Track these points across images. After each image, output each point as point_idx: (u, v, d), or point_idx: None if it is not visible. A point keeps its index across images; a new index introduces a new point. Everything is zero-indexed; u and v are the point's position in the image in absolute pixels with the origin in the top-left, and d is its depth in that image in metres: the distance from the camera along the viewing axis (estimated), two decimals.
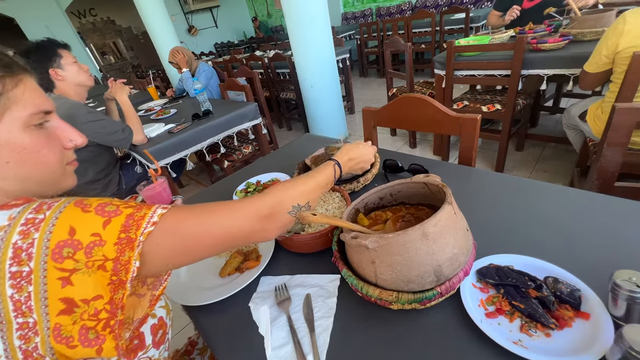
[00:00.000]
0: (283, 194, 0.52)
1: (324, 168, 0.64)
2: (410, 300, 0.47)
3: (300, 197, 0.54)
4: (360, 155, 0.75)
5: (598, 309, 0.45)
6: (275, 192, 0.52)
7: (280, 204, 0.51)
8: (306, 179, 0.59)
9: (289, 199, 0.52)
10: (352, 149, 0.74)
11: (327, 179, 0.63)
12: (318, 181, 0.60)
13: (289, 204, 0.52)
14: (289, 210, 0.52)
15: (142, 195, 0.83)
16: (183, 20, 7.71)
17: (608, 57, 1.23)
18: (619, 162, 0.84)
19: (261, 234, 0.49)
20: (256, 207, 0.48)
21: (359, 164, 0.76)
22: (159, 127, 1.93)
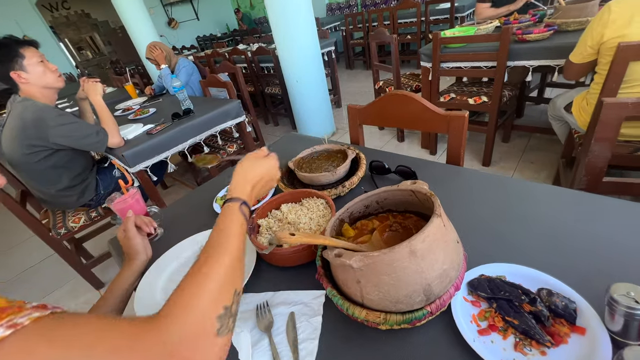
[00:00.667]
0: (192, 312, 0.33)
1: (228, 220, 0.44)
2: (399, 321, 0.44)
3: (221, 296, 0.36)
4: (262, 175, 0.56)
5: (594, 323, 0.43)
6: (181, 312, 0.32)
7: (195, 333, 0.32)
8: (216, 258, 0.39)
9: (207, 312, 0.34)
10: (249, 171, 0.54)
11: (241, 239, 0.44)
12: (233, 251, 0.41)
13: (211, 320, 0.33)
14: (217, 327, 0.33)
15: (113, 208, 0.77)
16: (162, 12, 7.43)
17: (593, 47, 1.22)
18: (607, 157, 0.83)
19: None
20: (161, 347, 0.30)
21: (265, 186, 0.57)
22: (137, 128, 1.84)
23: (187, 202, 1.02)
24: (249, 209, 0.49)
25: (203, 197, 1.00)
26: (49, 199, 1.61)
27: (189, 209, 0.97)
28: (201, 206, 0.96)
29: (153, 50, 2.44)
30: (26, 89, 1.40)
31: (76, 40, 9.28)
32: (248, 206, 0.49)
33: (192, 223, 0.89)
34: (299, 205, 0.76)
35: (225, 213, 0.46)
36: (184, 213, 0.96)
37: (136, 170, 1.61)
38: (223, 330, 0.34)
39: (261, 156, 0.58)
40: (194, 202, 1.01)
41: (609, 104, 0.76)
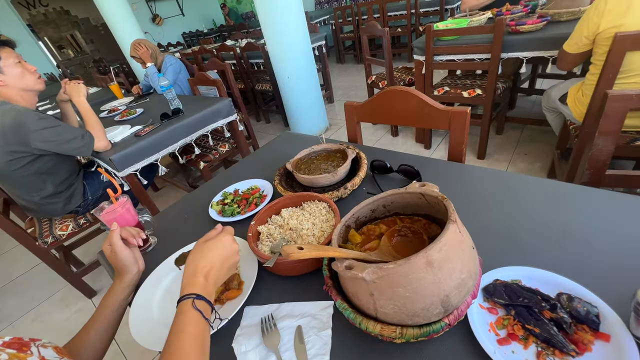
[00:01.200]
0: None
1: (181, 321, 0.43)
2: (416, 335, 0.42)
3: None
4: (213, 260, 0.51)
5: (618, 329, 0.41)
6: None
7: None
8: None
9: None
10: (199, 260, 0.50)
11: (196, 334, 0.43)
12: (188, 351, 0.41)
13: None
14: None
15: (102, 219, 0.72)
16: (146, 8, 7.21)
17: (589, 37, 1.21)
18: (611, 150, 0.81)
19: None
20: None
21: (223, 267, 0.53)
22: (124, 130, 1.77)
23: (181, 207, 0.98)
24: (205, 301, 0.46)
25: (198, 202, 0.96)
26: (33, 207, 1.54)
27: (183, 215, 0.93)
28: (196, 212, 0.92)
29: (138, 48, 2.35)
30: (4, 92, 1.33)
31: (56, 38, 8.95)
32: (204, 299, 0.46)
33: (188, 230, 0.86)
34: (300, 210, 0.73)
35: (178, 313, 0.44)
36: (179, 220, 0.92)
37: (125, 174, 1.54)
38: None
39: (211, 237, 0.55)
40: (189, 207, 0.97)
41: (614, 96, 0.75)
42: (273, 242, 0.67)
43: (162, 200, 2.70)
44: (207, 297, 0.47)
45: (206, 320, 0.45)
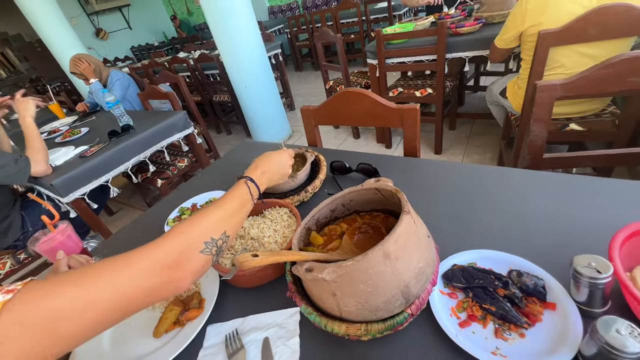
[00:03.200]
0: (190, 233, 0.44)
1: (235, 189, 0.55)
2: (381, 330, 0.42)
3: (213, 230, 0.46)
4: (272, 164, 0.65)
5: (562, 297, 0.44)
6: (178, 233, 0.43)
7: (187, 247, 0.42)
8: (216, 207, 0.49)
9: (198, 237, 0.44)
10: (262, 161, 0.65)
11: (241, 201, 0.54)
12: (232, 206, 0.51)
13: (199, 243, 0.43)
14: (202, 248, 0.43)
15: (38, 250, 0.65)
16: (87, 22, 6.76)
17: (515, 35, 1.34)
18: (544, 136, 0.89)
19: (170, 287, 0.40)
20: (156, 258, 0.39)
21: (276, 173, 0.66)
22: (67, 152, 1.62)
23: (135, 227, 0.91)
24: (255, 184, 0.58)
25: (153, 221, 0.90)
26: None
27: (137, 235, 0.87)
28: (151, 231, 0.86)
29: (78, 63, 2.19)
30: None
31: None
32: (254, 182, 0.58)
33: None
34: (261, 218, 0.71)
35: (236, 184, 0.57)
36: (132, 241, 0.85)
37: (71, 199, 1.41)
38: (206, 252, 0.44)
39: (277, 152, 0.69)
40: (143, 226, 0.90)
41: (541, 86, 0.82)
42: (234, 254, 0.64)
43: (118, 224, 2.51)
44: (257, 183, 0.59)
45: (251, 195, 0.56)
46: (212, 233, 0.45)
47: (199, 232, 0.44)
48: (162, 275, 0.39)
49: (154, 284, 0.38)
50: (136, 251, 0.39)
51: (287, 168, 0.69)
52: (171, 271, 0.40)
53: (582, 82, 0.81)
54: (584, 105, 1.34)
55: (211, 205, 0.50)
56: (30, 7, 3.74)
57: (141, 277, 0.37)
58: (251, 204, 0.56)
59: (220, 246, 0.46)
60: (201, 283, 0.63)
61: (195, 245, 0.43)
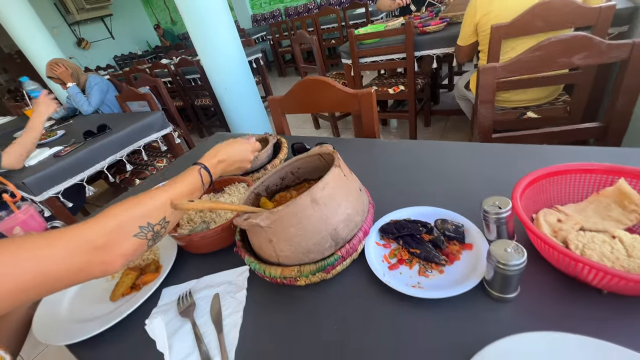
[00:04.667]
0: (124, 215, 0.42)
1: (187, 174, 0.54)
2: (313, 270, 0.46)
3: (151, 214, 0.45)
4: (232, 155, 0.63)
5: (478, 238, 0.49)
6: (113, 214, 0.42)
7: (120, 228, 0.41)
8: (160, 191, 0.48)
9: (134, 220, 0.43)
10: (223, 149, 0.63)
11: (190, 187, 0.52)
12: (179, 191, 0.50)
13: (132, 226, 0.42)
14: (135, 232, 0.42)
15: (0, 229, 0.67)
16: (68, 32, 6.73)
17: (471, 30, 1.44)
18: (491, 116, 0.96)
19: (98, 268, 0.40)
20: (86, 237, 0.39)
21: (233, 164, 0.64)
22: (41, 152, 1.62)
23: None
24: (208, 172, 0.57)
25: None
26: None
27: None
28: None
29: (54, 67, 2.19)
30: None
31: None
32: (208, 171, 0.57)
33: None
34: (220, 194, 0.75)
35: (188, 168, 0.56)
36: None
37: (44, 197, 1.42)
38: (140, 236, 0.43)
39: (240, 140, 0.67)
40: None
41: (483, 69, 0.89)
42: (193, 227, 0.68)
43: None
44: (211, 172, 0.58)
45: (202, 183, 0.55)
46: (150, 218, 0.44)
47: (134, 215, 0.43)
48: (90, 254, 0.38)
49: (80, 262, 0.38)
50: (66, 229, 0.39)
51: (247, 162, 0.67)
52: (99, 252, 0.39)
53: (519, 64, 0.89)
54: (538, 92, 1.43)
55: (156, 188, 0.49)
56: (9, 18, 3.72)
57: (66, 254, 0.37)
58: (200, 192, 0.55)
59: (157, 232, 0.45)
60: (159, 250, 0.66)
61: (128, 228, 0.42)
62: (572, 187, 0.50)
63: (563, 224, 0.46)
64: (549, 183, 0.51)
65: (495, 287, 0.41)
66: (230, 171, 0.64)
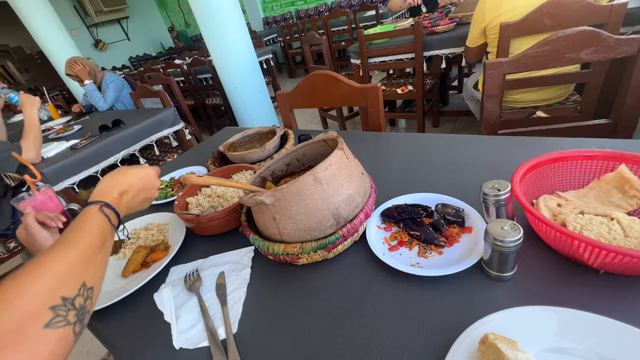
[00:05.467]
0: (18, 301, 0.29)
1: (88, 219, 0.40)
2: (314, 248, 0.47)
3: (61, 284, 0.32)
4: (133, 183, 0.49)
5: (478, 222, 0.50)
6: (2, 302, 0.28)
7: (20, 326, 0.28)
8: (64, 248, 0.35)
9: (36, 303, 0.29)
10: (118, 178, 0.49)
11: (101, 234, 0.40)
12: (89, 242, 0.37)
13: (41, 312, 0.29)
14: (47, 319, 0.29)
15: (20, 208, 0.70)
16: (86, 34, 6.95)
17: (480, 32, 1.44)
18: (497, 112, 0.96)
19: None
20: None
21: (139, 194, 0.51)
22: (58, 146, 1.69)
23: None
24: (113, 211, 0.44)
25: None
26: None
27: None
28: None
29: (73, 65, 2.28)
30: None
31: None
32: (112, 209, 0.44)
33: None
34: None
35: (82, 213, 0.41)
36: None
37: (61, 187, 1.47)
38: (57, 323, 0.30)
39: (132, 167, 0.53)
40: None
41: (489, 63, 0.90)
42: (202, 210, 0.70)
43: None
44: (115, 208, 0.44)
45: (112, 226, 0.42)
46: (62, 289, 0.31)
47: (38, 293, 0.30)
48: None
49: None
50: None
51: (154, 189, 0.54)
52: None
53: (525, 59, 0.89)
54: (548, 92, 1.42)
55: (54, 246, 0.35)
56: (31, 20, 3.87)
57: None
58: (112, 237, 0.43)
59: (81, 306, 0.33)
60: (169, 232, 0.68)
61: (34, 317, 0.29)
62: (573, 174, 0.51)
63: (563, 208, 0.47)
64: (550, 169, 0.51)
65: (493, 266, 0.42)
66: (136, 204, 0.51)
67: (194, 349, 0.44)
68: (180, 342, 0.45)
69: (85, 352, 1.42)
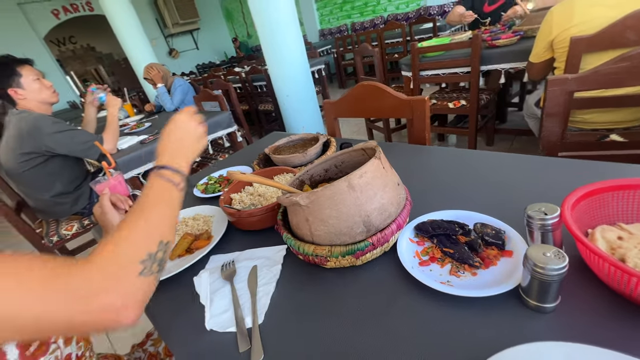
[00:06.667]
0: (116, 256, 0.36)
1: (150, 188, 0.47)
2: (342, 252, 0.48)
3: (147, 243, 0.39)
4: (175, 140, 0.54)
5: (520, 246, 0.47)
6: (103, 256, 0.36)
7: (116, 275, 0.35)
8: (139, 217, 0.41)
9: (130, 257, 0.37)
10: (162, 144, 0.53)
11: (163, 197, 0.46)
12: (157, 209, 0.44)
13: (134, 264, 0.36)
14: (139, 270, 0.36)
15: (96, 190, 0.82)
16: (164, 43, 7.83)
17: (545, 46, 1.34)
18: (558, 132, 0.88)
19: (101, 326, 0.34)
20: (80, 289, 0.32)
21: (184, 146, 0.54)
22: (131, 140, 1.92)
23: None
24: (169, 169, 0.49)
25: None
26: (43, 207, 1.66)
27: None
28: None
29: (150, 70, 2.59)
30: (23, 104, 1.49)
31: (81, 72, 9.69)
32: (167, 168, 0.49)
33: None
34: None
35: (148, 180, 0.48)
36: None
37: (129, 176, 1.67)
38: (146, 273, 0.37)
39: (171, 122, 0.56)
40: None
41: (551, 80, 0.83)
42: (243, 206, 0.75)
43: None
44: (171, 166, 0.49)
45: (172, 182, 0.48)
46: (148, 247, 0.39)
47: (129, 251, 0.37)
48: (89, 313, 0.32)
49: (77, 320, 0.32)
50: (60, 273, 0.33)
51: (193, 130, 0.56)
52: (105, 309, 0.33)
53: (597, 76, 0.81)
54: (627, 113, 1.26)
55: (131, 215, 0.41)
56: (122, 31, 4.49)
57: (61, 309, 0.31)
58: (177, 189, 0.48)
59: (161, 259, 0.40)
60: (213, 224, 0.74)
61: (130, 269, 0.36)
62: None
63: (624, 242, 0.42)
64: (613, 197, 0.46)
65: (532, 295, 0.39)
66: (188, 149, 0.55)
67: (222, 332, 0.48)
68: (212, 324, 0.49)
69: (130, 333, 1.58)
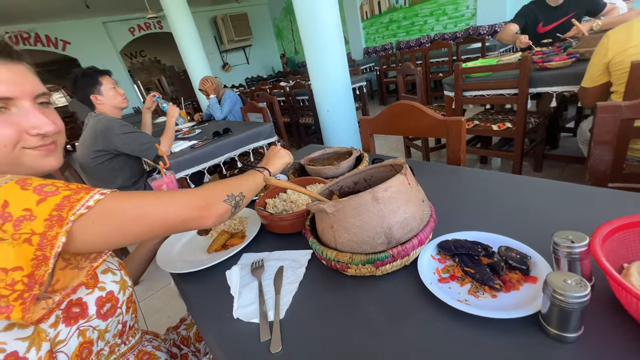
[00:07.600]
0: (216, 188, 0.59)
1: (248, 173, 0.71)
2: (363, 260, 0.51)
3: (232, 189, 0.60)
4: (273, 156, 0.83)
5: (544, 272, 0.46)
6: (209, 187, 0.59)
7: (214, 195, 0.57)
8: (237, 179, 0.66)
9: (222, 191, 0.59)
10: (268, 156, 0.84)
11: (255, 179, 0.69)
12: (246, 178, 0.68)
13: (222, 194, 0.58)
14: (224, 199, 0.57)
15: (151, 185, 0.94)
16: (219, 58, 8.51)
17: (600, 69, 1.25)
18: (608, 161, 0.83)
19: (198, 221, 0.54)
20: (193, 198, 0.53)
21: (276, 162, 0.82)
22: (183, 144, 2.12)
23: None
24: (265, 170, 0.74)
25: None
26: None
27: None
28: None
29: (205, 82, 2.85)
30: (100, 108, 1.74)
31: (146, 82, 10.85)
32: (265, 169, 0.75)
33: None
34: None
35: (250, 171, 0.72)
36: None
37: (178, 177, 1.84)
38: (228, 201, 0.58)
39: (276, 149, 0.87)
40: None
41: (602, 106, 0.79)
42: (276, 211, 0.81)
43: None
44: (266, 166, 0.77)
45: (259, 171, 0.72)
46: (232, 191, 0.60)
47: (223, 189, 0.59)
48: (195, 211, 0.52)
49: (188, 216, 0.52)
50: (182, 191, 0.55)
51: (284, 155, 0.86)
52: (202, 210, 0.53)
53: None
54: None
55: (233, 177, 0.67)
56: (184, 46, 4.99)
57: (181, 208, 0.51)
58: (261, 176, 0.71)
59: (238, 201, 0.61)
60: (247, 224, 0.80)
61: (219, 195, 0.57)
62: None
63: None
64: None
65: (552, 323, 0.39)
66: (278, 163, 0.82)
67: (247, 322, 0.52)
68: (238, 313, 0.54)
69: (166, 317, 1.70)
